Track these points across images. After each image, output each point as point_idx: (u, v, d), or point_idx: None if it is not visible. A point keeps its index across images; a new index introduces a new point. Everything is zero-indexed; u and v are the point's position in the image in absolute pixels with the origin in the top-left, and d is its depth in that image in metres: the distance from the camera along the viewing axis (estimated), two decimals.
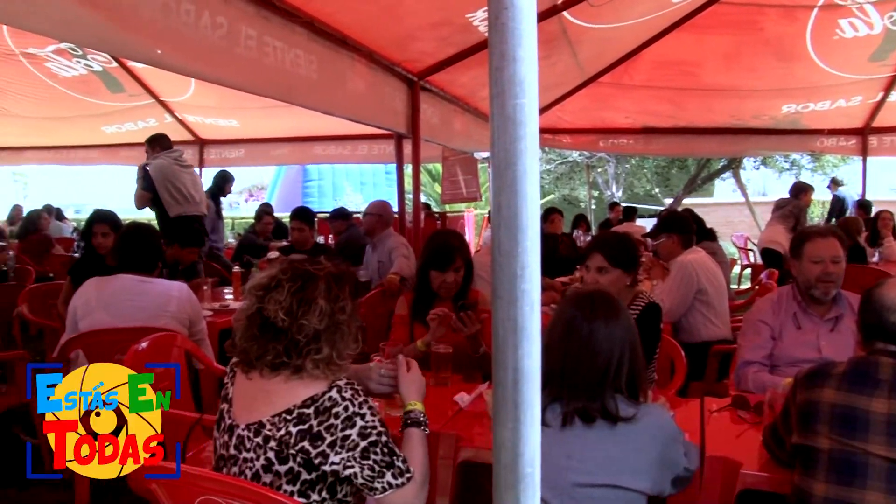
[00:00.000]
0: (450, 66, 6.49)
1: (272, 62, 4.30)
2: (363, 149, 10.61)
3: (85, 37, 3.20)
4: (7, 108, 10.58)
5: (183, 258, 5.42)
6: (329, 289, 1.97)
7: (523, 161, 0.83)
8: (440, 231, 4.80)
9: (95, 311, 3.69)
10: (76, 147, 11.87)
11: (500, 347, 0.87)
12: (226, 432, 2.00)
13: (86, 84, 9.50)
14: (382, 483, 1.86)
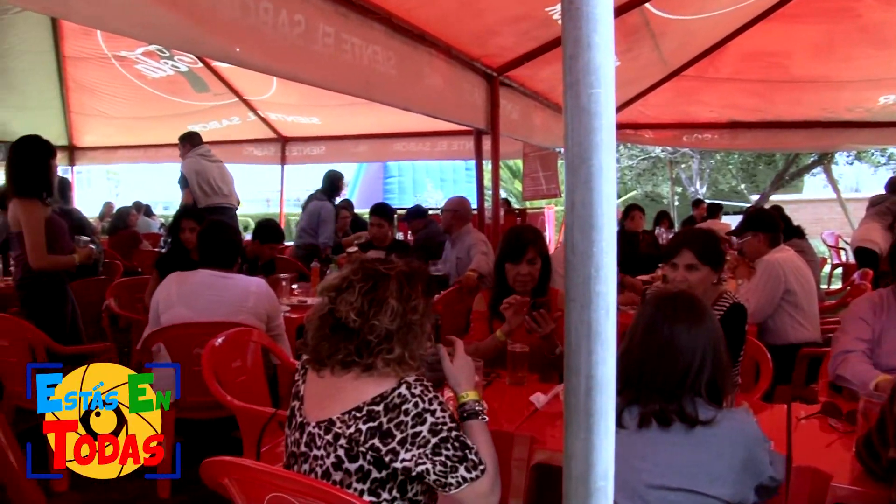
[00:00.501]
0: (529, 60, 6.41)
1: (350, 59, 4.31)
2: (443, 145, 10.60)
3: (168, 38, 3.27)
4: (101, 110, 10.99)
5: (262, 254, 5.49)
6: (401, 288, 1.95)
7: (599, 155, 0.78)
8: (517, 225, 4.75)
9: (176, 306, 3.77)
10: (164, 146, 12.20)
11: (573, 353, 0.82)
12: (297, 430, 2.00)
13: (173, 84, 9.77)
14: (456, 478, 1.82)
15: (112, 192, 25.57)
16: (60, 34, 9.27)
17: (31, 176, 4.37)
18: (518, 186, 18.23)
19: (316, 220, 7.53)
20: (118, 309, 5.05)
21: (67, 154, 12.55)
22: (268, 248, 5.49)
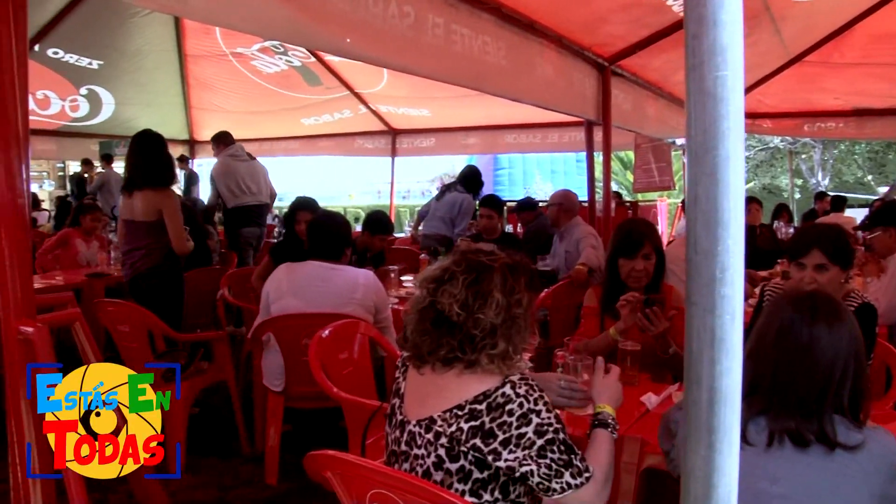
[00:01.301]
0: (642, 49, 6.22)
1: (460, 49, 4.27)
2: (553, 137, 10.47)
3: (281, 31, 3.31)
4: (219, 104, 11.37)
5: (372, 245, 5.53)
6: (505, 281, 1.88)
7: (725, 144, 0.70)
8: (630, 219, 4.60)
9: (286, 296, 3.82)
10: (278, 139, 12.56)
11: (694, 361, 0.74)
12: (397, 428, 1.96)
13: (286, 79, 10.00)
14: (561, 483, 1.75)
15: None
16: (183, 34, 9.64)
17: (161, 167, 4.70)
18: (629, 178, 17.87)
19: (456, 210, 7.50)
20: (232, 298, 5.18)
21: (188, 148, 13.06)
22: (377, 239, 5.52)
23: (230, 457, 4.18)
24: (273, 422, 3.81)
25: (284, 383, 3.77)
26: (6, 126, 2.05)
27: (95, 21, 8.62)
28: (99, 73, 9.94)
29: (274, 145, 12.69)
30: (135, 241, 4.71)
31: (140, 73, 10.24)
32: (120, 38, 9.29)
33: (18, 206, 2.07)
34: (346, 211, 19.20)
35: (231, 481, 3.88)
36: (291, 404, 3.82)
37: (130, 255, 4.74)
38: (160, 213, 4.63)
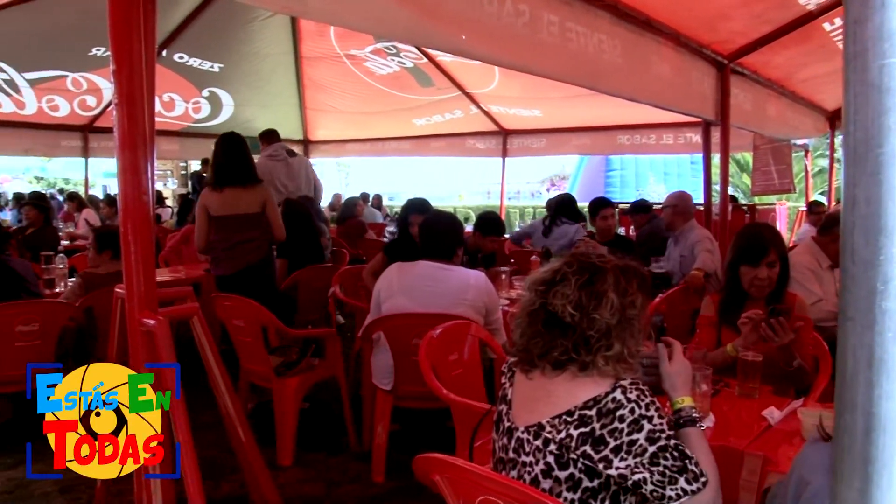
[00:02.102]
0: (764, 45, 5.95)
1: (575, 48, 4.19)
2: (668, 138, 10.20)
3: (396, 30, 3.31)
4: (333, 105, 11.60)
5: (483, 246, 5.50)
6: (617, 282, 1.83)
7: (891, 140, 0.63)
8: (752, 223, 4.40)
9: (397, 295, 3.83)
10: (390, 139, 12.72)
11: (848, 383, 0.67)
12: (504, 434, 1.92)
13: (399, 80, 10.11)
14: (676, 490, 1.68)
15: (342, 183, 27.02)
16: (299, 37, 9.88)
17: (250, 163, 5.11)
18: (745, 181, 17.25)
19: (569, 244, 7.41)
20: (343, 296, 5.25)
21: (303, 148, 13.38)
22: (489, 240, 5.49)
23: (338, 453, 4.23)
24: (381, 420, 3.83)
25: (393, 382, 3.78)
26: (134, 127, 2.12)
27: (217, 26, 8.94)
28: (220, 75, 10.31)
29: (385, 145, 12.87)
30: (244, 233, 4.97)
31: (258, 75, 10.57)
32: (239, 41, 9.62)
33: (143, 202, 2.14)
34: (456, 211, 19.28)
35: (338, 477, 3.92)
36: (400, 403, 3.83)
37: (239, 247, 4.97)
38: (264, 205, 4.99)
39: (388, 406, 3.82)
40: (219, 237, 5.01)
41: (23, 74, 9.09)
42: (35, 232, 7.55)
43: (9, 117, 9.85)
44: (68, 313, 4.35)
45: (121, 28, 2.10)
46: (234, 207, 4.94)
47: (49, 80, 9.41)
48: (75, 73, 9.42)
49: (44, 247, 6.47)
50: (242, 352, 4.32)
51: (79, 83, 9.65)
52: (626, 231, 8.72)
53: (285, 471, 3.96)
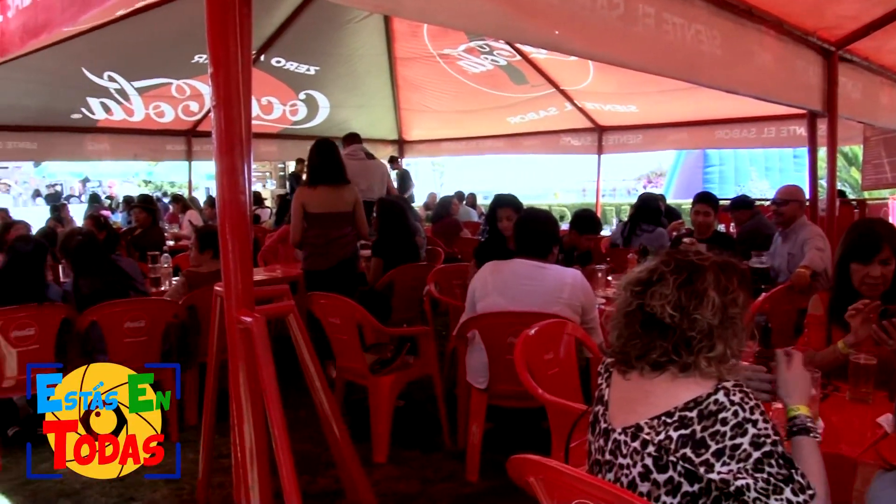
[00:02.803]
0: (876, 30, 5.65)
1: (672, 40, 4.08)
2: (770, 131, 9.86)
3: (488, 26, 3.28)
4: (427, 105, 11.70)
5: (579, 244, 5.43)
6: (718, 280, 1.76)
7: None
8: (864, 219, 4.18)
9: (492, 294, 3.80)
10: (484, 137, 12.73)
11: None
12: (601, 436, 1.87)
13: (492, 78, 10.11)
14: (780, 500, 1.60)
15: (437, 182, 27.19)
16: (392, 37, 9.99)
17: (341, 165, 5.49)
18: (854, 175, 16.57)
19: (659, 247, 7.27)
20: (438, 294, 5.26)
21: (397, 147, 13.53)
22: (585, 238, 5.42)
23: (432, 451, 4.23)
24: (476, 419, 3.82)
25: (488, 381, 3.76)
26: (231, 129, 2.16)
27: (313, 30, 9.14)
28: (316, 78, 10.54)
29: (480, 144, 12.90)
30: (338, 230, 5.35)
31: (353, 76, 10.75)
32: (334, 44, 9.80)
33: (241, 202, 2.18)
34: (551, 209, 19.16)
35: (432, 475, 3.93)
36: (494, 402, 3.80)
37: (334, 243, 5.34)
38: (354, 204, 5.40)
39: (483, 405, 3.80)
40: (314, 233, 5.33)
41: (132, 83, 9.53)
42: (142, 233, 7.86)
43: (120, 124, 10.33)
44: (172, 310, 4.50)
45: (217, 33, 2.15)
46: (330, 206, 5.30)
47: (155, 88, 9.84)
48: (179, 80, 9.80)
49: (150, 247, 6.71)
50: (338, 349, 4.37)
51: (182, 90, 10.04)
52: (727, 228, 8.46)
53: (380, 468, 3.99)
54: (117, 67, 9.11)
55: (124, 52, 8.55)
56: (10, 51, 3.56)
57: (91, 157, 10.98)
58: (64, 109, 9.71)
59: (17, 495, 3.80)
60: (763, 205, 7.40)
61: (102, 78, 9.21)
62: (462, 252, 8.00)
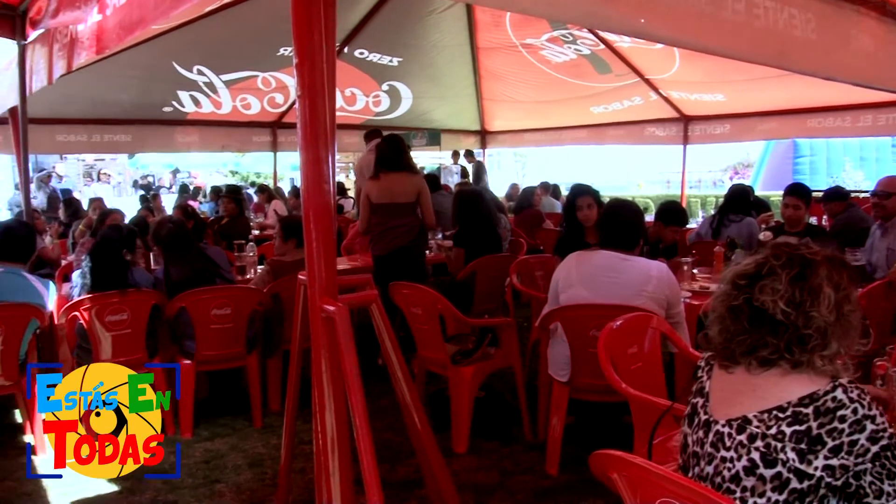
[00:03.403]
0: None
1: (763, 25, 3.92)
2: (866, 119, 9.45)
3: (571, 13, 3.22)
4: (509, 95, 11.65)
5: (664, 236, 5.31)
6: (830, 275, 1.70)
7: None
8: None
9: (575, 286, 3.75)
10: (567, 128, 12.59)
11: None
12: (700, 428, 1.82)
13: (576, 68, 9.99)
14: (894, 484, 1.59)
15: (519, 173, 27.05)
16: (475, 27, 9.97)
17: (408, 157, 5.74)
18: None
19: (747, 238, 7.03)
20: (520, 285, 5.23)
21: (480, 138, 13.51)
22: (670, 230, 5.30)
23: (511, 443, 4.21)
24: (556, 412, 3.78)
25: (570, 374, 3.71)
26: (315, 119, 2.17)
27: (395, 21, 9.19)
28: (398, 69, 10.61)
29: (562, 134, 12.78)
30: (396, 219, 5.51)
31: (435, 67, 10.78)
32: (417, 35, 9.84)
33: (325, 192, 2.19)
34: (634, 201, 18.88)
35: (511, 467, 3.90)
36: (576, 395, 3.75)
37: (391, 231, 5.50)
38: (418, 194, 5.53)
39: (564, 398, 3.76)
40: (375, 221, 5.57)
41: (220, 76, 9.79)
42: (229, 222, 8.05)
43: (208, 117, 10.62)
44: (257, 298, 4.59)
45: (302, 24, 2.16)
46: (391, 196, 5.49)
47: (242, 81, 10.07)
48: (265, 73, 10.01)
49: (236, 236, 6.88)
50: (420, 339, 4.39)
51: (268, 82, 10.24)
52: (818, 220, 8.15)
53: (459, 458, 3.99)
54: (206, 61, 9.36)
55: (212, 47, 8.78)
56: (110, 47, 3.67)
57: (181, 148, 11.30)
58: (156, 103, 10.05)
59: None
60: (858, 197, 7.10)
61: (192, 72, 9.49)
62: (544, 243, 7.95)
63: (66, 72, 4.39)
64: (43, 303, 4.27)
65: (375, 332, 2.72)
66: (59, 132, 9.85)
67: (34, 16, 4.79)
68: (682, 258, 5.04)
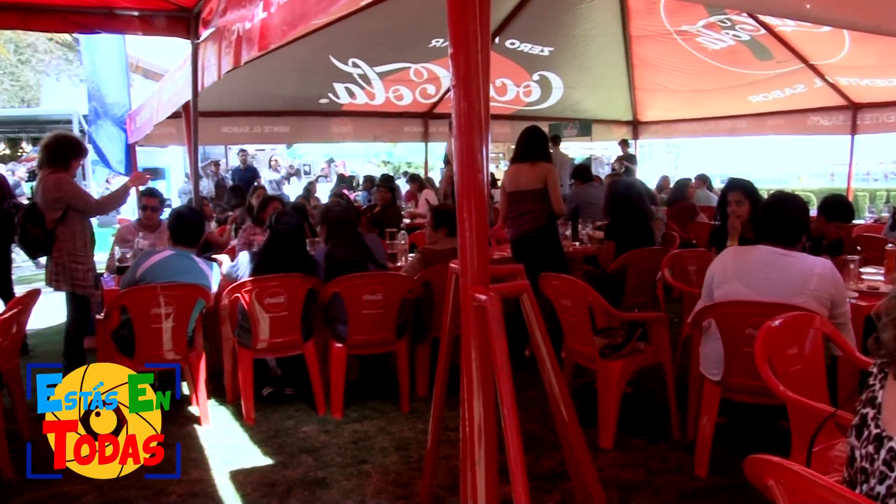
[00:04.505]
0: None
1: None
2: None
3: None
4: (662, 84, 11.36)
5: (828, 232, 5.02)
6: None
7: None
8: None
9: (731, 281, 3.60)
10: (723, 118, 12.12)
11: None
12: (871, 442, 1.68)
13: (734, 54, 9.60)
14: None
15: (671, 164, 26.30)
16: (628, 16, 9.78)
17: (546, 148, 5.90)
18: None
19: None
20: (672, 280, 5.09)
21: (631, 129, 13.24)
22: (834, 226, 4.99)
23: (659, 440, 4.12)
24: (707, 411, 3.65)
25: (723, 373, 3.58)
26: (470, 108, 2.19)
27: (547, 11, 9.14)
28: (549, 59, 10.55)
29: (718, 124, 12.32)
30: (523, 205, 5.69)
31: (586, 56, 10.65)
32: (568, 24, 9.75)
33: (478, 181, 2.21)
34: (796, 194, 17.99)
35: (658, 466, 3.81)
36: (728, 395, 3.61)
37: (519, 218, 5.74)
38: (545, 182, 5.60)
39: (716, 397, 3.62)
40: (509, 208, 5.85)
41: (374, 68, 10.06)
42: (382, 210, 8.26)
43: (362, 108, 10.95)
44: (408, 285, 4.69)
45: (457, 14, 2.18)
46: (520, 184, 5.69)
47: (395, 73, 10.29)
48: (417, 65, 10.20)
49: (389, 224, 7.04)
50: (569, 331, 4.36)
51: (420, 73, 10.43)
52: None
53: (605, 453, 3.94)
54: (361, 54, 9.64)
55: (367, 39, 9.01)
56: (274, 42, 3.85)
57: (336, 139, 11.70)
58: (313, 95, 10.45)
59: (267, 446, 4.16)
60: None
61: (347, 64, 9.80)
62: (697, 237, 7.69)
63: (232, 67, 4.63)
64: (209, 284, 4.54)
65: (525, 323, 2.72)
66: (224, 124, 10.46)
67: (206, 16, 5.09)
68: (848, 256, 4.74)
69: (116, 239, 5.85)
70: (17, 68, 22.32)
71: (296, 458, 3.97)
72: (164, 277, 4.38)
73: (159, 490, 3.61)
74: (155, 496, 3.56)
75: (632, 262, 5.39)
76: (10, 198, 6.17)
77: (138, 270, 4.41)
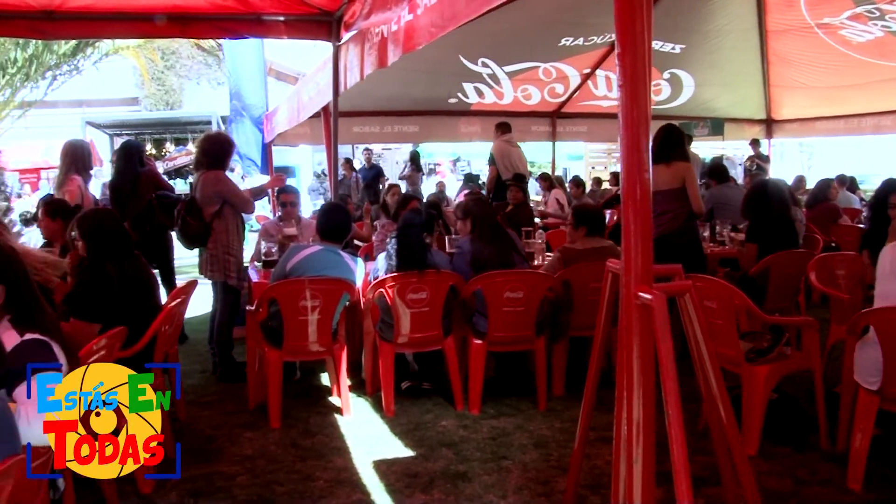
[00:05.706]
0: None
1: None
2: None
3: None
4: (799, 80, 10.92)
5: None
6: None
7: None
8: None
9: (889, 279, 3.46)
10: (867, 115, 11.49)
11: None
12: None
13: (881, 47, 9.09)
14: None
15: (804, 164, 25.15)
16: (764, 9, 9.47)
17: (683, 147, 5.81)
18: None
19: None
20: (818, 283, 4.89)
21: (765, 128, 12.78)
22: None
23: (806, 450, 3.98)
24: (862, 422, 3.50)
25: (881, 382, 3.43)
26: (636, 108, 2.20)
27: (679, 8, 8.95)
28: (680, 56, 10.33)
29: (861, 122, 11.66)
30: (660, 206, 5.44)
31: (718, 53, 10.37)
32: (701, 20, 9.52)
33: (644, 180, 2.20)
34: None
35: (806, 476, 3.68)
36: (886, 406, 3.46)
37: (656, 219, 5.30)
38: (683, 181, 5.53)
39: (873, 408, 3.47)
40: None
41: (503, 68, 10.11)
42: (514, 209, 8.27)
43: (490, 107, 11.02)
44: (548, 284, 4.69)
45: (626, 14, 2.19)
46: (655, 185, 5.29)
47: (524, 72, 10.31)
48: (546, 64, 10.19)
49: (521, 223, 7.06)
50: (712, 334, 4.25)
51: (549, 72, 10.41)
52: None
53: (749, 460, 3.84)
54: (490, 53, 9.70)
55: (497, 39, 9.07)
56: (420, 43, 3.94)
57: (463, 138, 11.82)
58: (442, 95, 10.61)
59: (408, 438, 4.28)
60: None
61: (476, 64, 9.89)
62: (840, 240, 7.38)
63: (376, 68, 4.76)
64: (353, 279, 4.68)
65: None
66: (355, 124, 10.76)
67: (348, 19, 5.26)
68: None
69: (261, 234, 6.12)
70: (163, 74, 23.71)
71: (436, 451, 4.06)
72: (313, 272, 4.54)
73: (306, 475, 3.78)
74: (302, 480, 3.73)
75: (775, 264, 5.22)
76: (162, 188, 6.52)
77: (288, 264, 4.60)
